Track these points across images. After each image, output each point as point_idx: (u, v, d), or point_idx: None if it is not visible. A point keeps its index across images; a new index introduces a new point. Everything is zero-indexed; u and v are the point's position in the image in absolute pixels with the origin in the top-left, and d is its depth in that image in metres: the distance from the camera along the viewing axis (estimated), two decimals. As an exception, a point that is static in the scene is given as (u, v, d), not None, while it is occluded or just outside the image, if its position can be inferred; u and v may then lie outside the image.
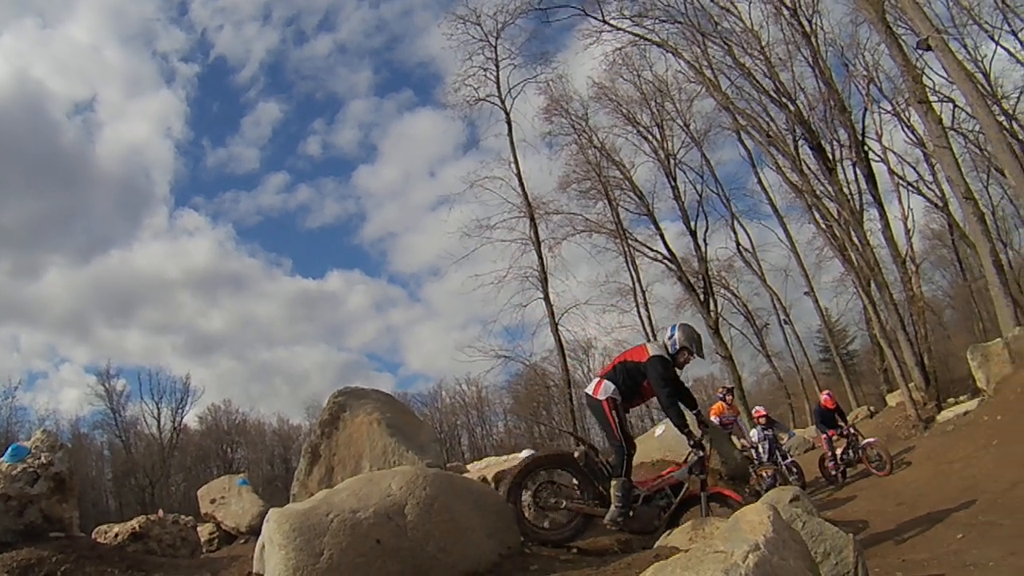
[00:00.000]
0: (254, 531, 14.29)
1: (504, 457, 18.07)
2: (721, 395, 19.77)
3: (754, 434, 19.24)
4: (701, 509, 8.96)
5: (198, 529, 15.16)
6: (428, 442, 12.97)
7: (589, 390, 9.68)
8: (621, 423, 9.21)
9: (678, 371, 9.71)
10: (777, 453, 18.91)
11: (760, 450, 18.87)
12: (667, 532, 8.37)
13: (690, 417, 9.60)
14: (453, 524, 7.66)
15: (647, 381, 9.32)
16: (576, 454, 9.43)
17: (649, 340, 9.41)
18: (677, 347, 9.44)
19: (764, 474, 16.92)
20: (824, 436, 19.95)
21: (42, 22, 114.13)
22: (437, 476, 8.11)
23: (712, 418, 18.39)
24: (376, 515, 7.25)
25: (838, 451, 19.49)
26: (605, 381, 9.45)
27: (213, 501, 16.76)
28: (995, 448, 14.82)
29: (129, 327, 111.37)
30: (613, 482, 9.01)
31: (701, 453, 9.18)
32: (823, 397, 21.82)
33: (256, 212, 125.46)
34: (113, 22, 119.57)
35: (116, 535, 12.57)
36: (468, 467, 18.37)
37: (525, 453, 15.99)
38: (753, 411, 21.04)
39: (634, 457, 9.42)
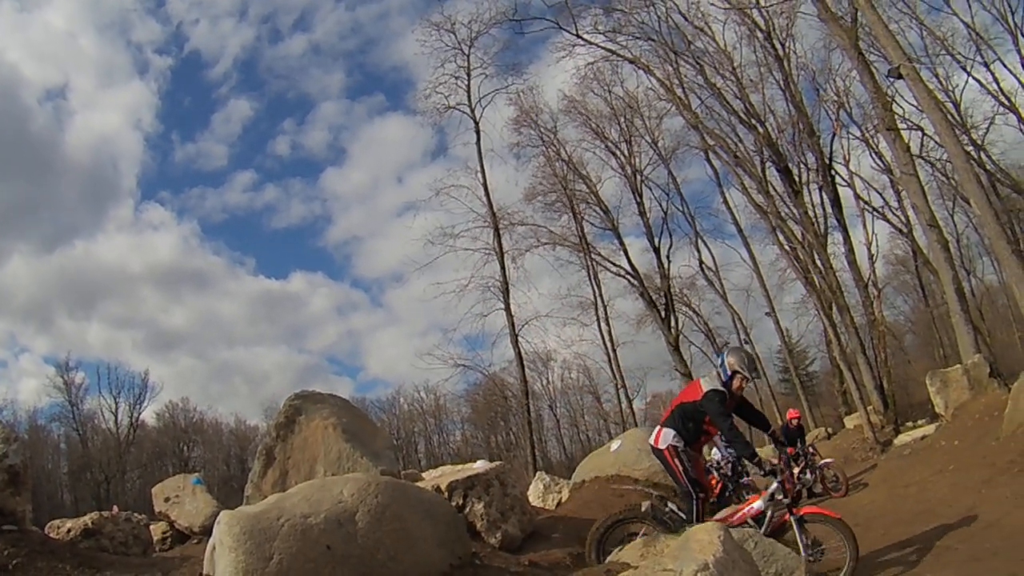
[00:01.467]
0: (207, 531, 14.19)
1: (459, 466, 17.95)
2: None
3: (716, 453, 19.01)
4: (796, 535, 8.51)
5: (151, 528, 15.09)
6: (383, 449, 13.01)
7: (651, 440, 9.55)
8: (686, 469, 8.97)
9: (739, 395, 9.34)
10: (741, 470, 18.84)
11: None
12: (619, 548, 8.36)
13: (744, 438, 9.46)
14: (404, 533, 7.69)
15: (707, 417, 9.07)
16: (644, 507, 9.21)
17: (703, 376, 8.83)
18: (729, 373, 9.10)
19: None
20: (783, 456, 19.81)
21: (20, 6, 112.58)
22: (389, 484, 8.13)
23: None
24: (327, 521, 7.27)
25: (795, 471, 19.42)
26: (664, 429, 9.29)
27: (167, 500, 16.64)
28: (951, 473, 14.97)
29: (90, 319, 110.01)
30: (687, 529, 8.19)
31: (777, 479, 8.80)
32: (790, 414, 21.88)
33: (222, 209, 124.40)
34: (90, 10, 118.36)
35: (69, 530, 12.50)
36: (424, 475, 18.25)
37: (480, 464, 15.89)
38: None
39: (704, 498, 9.05)
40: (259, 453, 12.58)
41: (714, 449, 18.13)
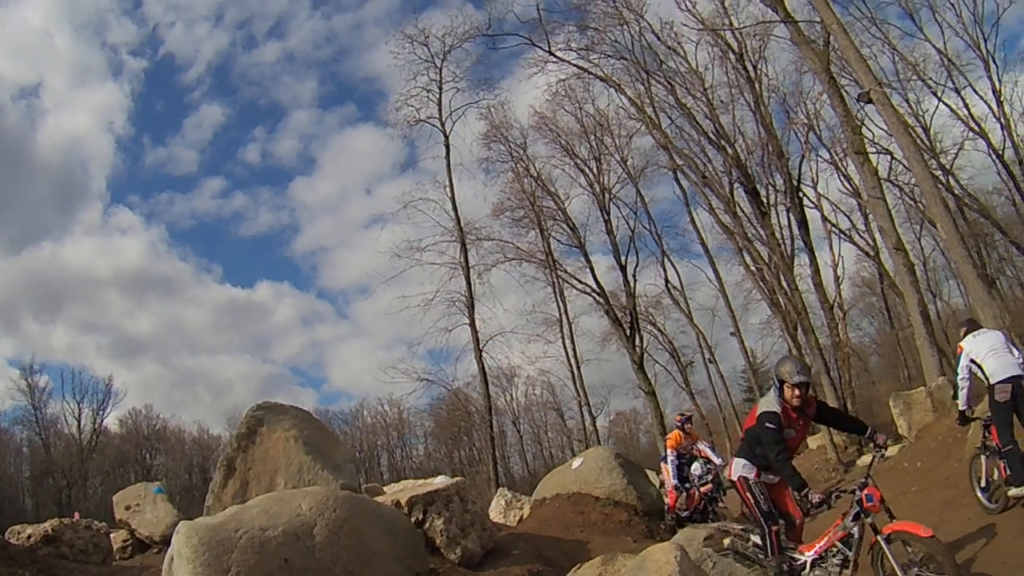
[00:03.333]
0: (168, 541, 14.08)
1: (420, 481, 17.92)
2: (679, 423, 18.41)
3: (697, 467, 18.73)
4: (890, 559, 7.44)
5: (111, 536, 15.05)
6: (344, 462, 13.01)
7: (726, 472, 9.42)
8: (757, 501, 8.53)
9: (798, 404, 8.39)
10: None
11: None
12: (577, 566, 8.36)
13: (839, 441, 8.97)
14: (362, 547, 7.72)
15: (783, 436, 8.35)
16: (726, 543, 9.02)
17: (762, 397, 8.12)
18: (779, 387, 8.45)
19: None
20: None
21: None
22: (348, 499, 8.16)
23: (669, 451, 17.56)
24: (285, 534, 7.29)
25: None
26: (735, 459, 8.92)
27: (128, 508, 16.57)
28: (913, 495, 15.05)
29: (55, 322, 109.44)
30: (767, 562, 8.39)
31: (826, 505, 7.89)
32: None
33: (190, 216, 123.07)
34: (67, 8, 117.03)
35: (29, 536, 12.45)
36: (385, 489, 18.26)
37: (440, 479, 15.82)
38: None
39: (779, 529, 8.44)
40: (220, 463, 12.57)
41: (695, 463, 17.98)
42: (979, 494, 11.20)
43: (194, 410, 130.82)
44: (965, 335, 11.24)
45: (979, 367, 10.52)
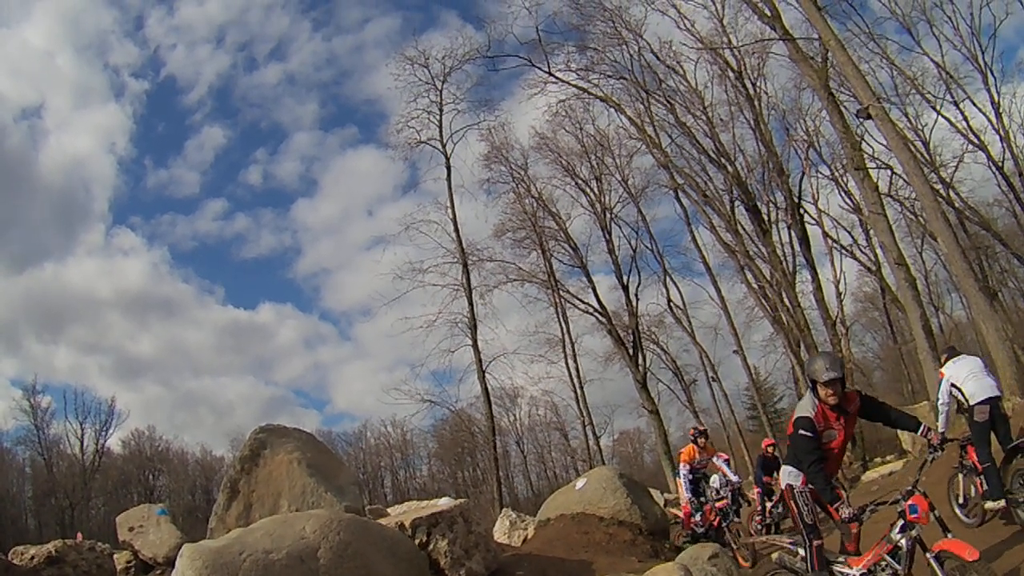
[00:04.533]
0: (171, 562, 14.03)
1: (424, 503, 17.86)
2: (692, 437, 17.81)
3: (716, 480, 17.86)
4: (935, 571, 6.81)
5: (115, 557, 15.01)
6: (347, 484, 13.00)
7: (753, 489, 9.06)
8: (801, 512, 7.91)
9: (836, 402, 7.60)
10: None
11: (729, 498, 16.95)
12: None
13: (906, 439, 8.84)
14: (366, 570, 7.71)
15: (820, 442, 7.71)
16: (775, 558, 8.43)
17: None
18: (813, 387, 7.74)
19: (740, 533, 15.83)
20: (759, 489, 19.48)
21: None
22: (352, 521, 8.16)
23: (682, 465, 17.24)
24: (289, 557, 7.28)
25: (768, 505, 19.08)
26: (784, 467, 8.40)
27: (131, 529, 16.50)
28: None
29: (58, 343, 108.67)
30: None
31: (857, 521, 7.40)
32: (765, 443, 21.73)
33: (192, 237, 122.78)
34: (69, 29, 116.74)
35: (32, 557, 12.45)
36: (389, 510, 18.20)
37: (444, 501, 15.79)
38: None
39: (821, 544, 7.76)
40: (224, 486, 12.57)
41: (713, 476, 17.76)
42: (957, 511, 11.52)
43: (197, 431, 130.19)
44: (946, 361, 11.70)
45: (959, 390, 11.04)
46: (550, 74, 36.87)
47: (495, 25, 37.27)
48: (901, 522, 7.15)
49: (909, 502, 7.07)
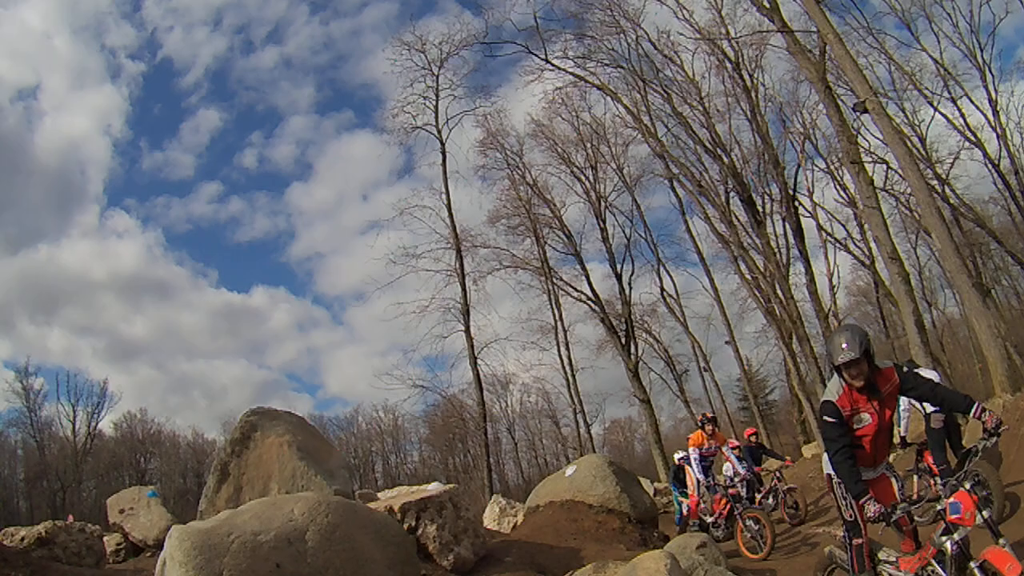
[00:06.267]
0: (161, 545, 14.00)
1: (414, 488, 17.90)
2: (700, 423, 17.20)
3: (728, 468, 18.14)
4: None
5: (105, 539, 15.01)
6: (337, 468, 13.04)
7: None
8: (840, 505, 7.02)
9: (863, 383, 6.55)
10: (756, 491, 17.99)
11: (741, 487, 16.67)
12: (570, 573, 8.31)
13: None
14: (354, 553, 7.73)
15: (858, 430, 6.77)
16: (826, 552, 7.59)
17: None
18: (836, 368, 6.69)
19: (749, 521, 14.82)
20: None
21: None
22: (340, 504, 8.17)
23: (690, 450, 16.39)
24: (277, 539, 7.30)
25: (757, 496, 18.92)
26: (824, 455, 7.21)
27: (122, 511, 16.53)
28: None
29: (51, 325, 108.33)
30: None
31: (884, 522, 6.24)
32: (747, 432, 21.73)
33: (187, 220, 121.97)
34: (66, 10, 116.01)
35: (23, 539, 12.44)
36: (379, 495, 18.25)
37: (434, 486, 15.75)
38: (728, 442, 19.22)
39: (862, 543, 6.81)
40: (214, 468, 12.61)
41: (726, 464, 17.51)
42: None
43: (189, 414, 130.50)
44: None
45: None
46: (547, 61, 36.79)
47: (493, 11, 37.42)
48: (942, 528, 6.21)
49: (951, 499, 6.15)
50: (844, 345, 6.49)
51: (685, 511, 17.42)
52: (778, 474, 19.66)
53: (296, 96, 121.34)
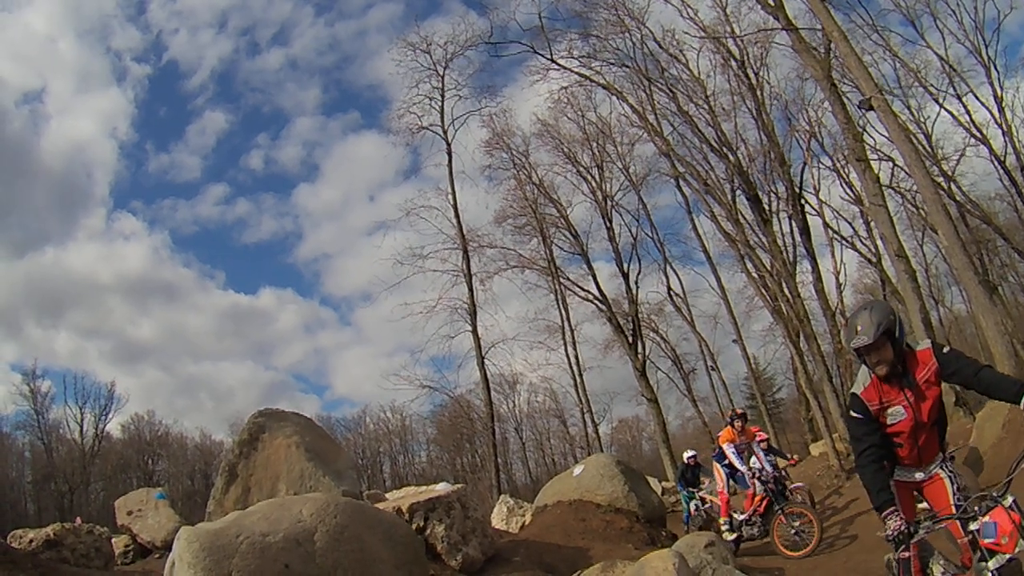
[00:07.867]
0: (169, 546, 14.05)
1: (422, 488, 17.89)
2: (729, 420, 17.10)
3: (754, 462, 16.77)
4: None
5: (113, 541, 15.02)
6: (345, 468, 13.04)
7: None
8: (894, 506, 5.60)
9: (888, 374, 5.62)
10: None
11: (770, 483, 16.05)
12: (578, 573, 8.31)
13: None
14: (362, 554, 7.72)
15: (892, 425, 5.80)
16: (886, 558, 6.33)
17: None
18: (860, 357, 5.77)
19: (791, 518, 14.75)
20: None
21: (0, 6, 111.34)
22: (348, 505, 8.17)
23: (726, 445, 16.10)
24: (286, 540, 7.30)
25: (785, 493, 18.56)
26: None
27: (130, 513, 16.54)
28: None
29: (58, 328, 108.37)
30: None
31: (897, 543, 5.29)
32: (755, 431, 21.71)
33: (193, 222, 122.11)
34: (71, 14, 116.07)
35: (31, 541, 12.44)
36: (387, 495, 18.26)
37: (442, 486, 15.70)
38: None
39: (909, 558, 5.62)
40: (222, 469, 12.61)
41: (752, 459, 16.74)
42: None
43: (196, 416, 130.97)
44: None
45: None
46: (552, 61, 36.68)
47: (498, 11, 37.24)
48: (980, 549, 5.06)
49: (985, 518, 5.02)
50: (859, 327, 5.62)
51: (693, 510, 17.42)
52: (784, 472, 19.56)
53: (302, 97, 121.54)
